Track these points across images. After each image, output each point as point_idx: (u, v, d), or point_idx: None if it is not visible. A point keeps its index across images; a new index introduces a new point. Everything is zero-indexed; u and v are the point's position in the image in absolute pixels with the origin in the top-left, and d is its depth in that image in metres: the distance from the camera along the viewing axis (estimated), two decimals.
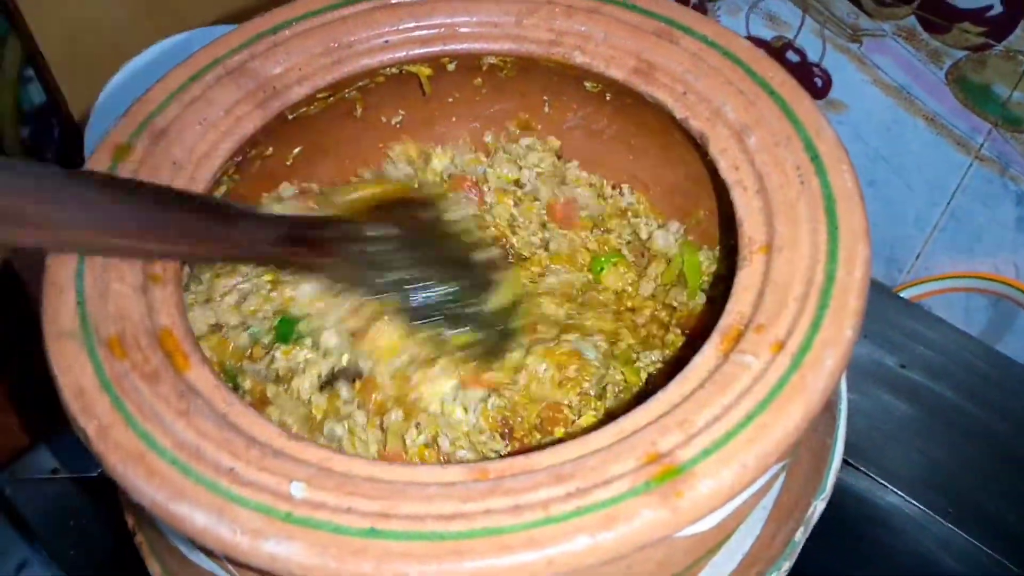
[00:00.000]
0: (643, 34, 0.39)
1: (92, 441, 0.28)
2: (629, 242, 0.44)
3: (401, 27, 0.42)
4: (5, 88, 0.85)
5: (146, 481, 0.27)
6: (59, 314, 0.31)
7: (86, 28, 0.76)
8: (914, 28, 0.65)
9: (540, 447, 0.27)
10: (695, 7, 0.75)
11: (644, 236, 0.44)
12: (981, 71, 0.63)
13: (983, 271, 0.73)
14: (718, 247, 0.42)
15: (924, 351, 0.58)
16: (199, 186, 0.37)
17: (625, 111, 0.42)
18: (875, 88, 0.70)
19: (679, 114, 0.37)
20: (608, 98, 0.42)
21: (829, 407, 0.37)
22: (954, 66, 0.65)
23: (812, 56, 0.72)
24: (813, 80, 0.72)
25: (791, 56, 0.72)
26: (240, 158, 0.39)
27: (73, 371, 0.29)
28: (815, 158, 0.33)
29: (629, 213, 0.45)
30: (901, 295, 0.72)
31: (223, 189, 0.39)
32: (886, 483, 0.52)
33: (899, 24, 0.65)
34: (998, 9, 0.59)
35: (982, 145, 0.66)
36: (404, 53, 0.42)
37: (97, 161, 0.36)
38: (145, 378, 0.29)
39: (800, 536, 0.35)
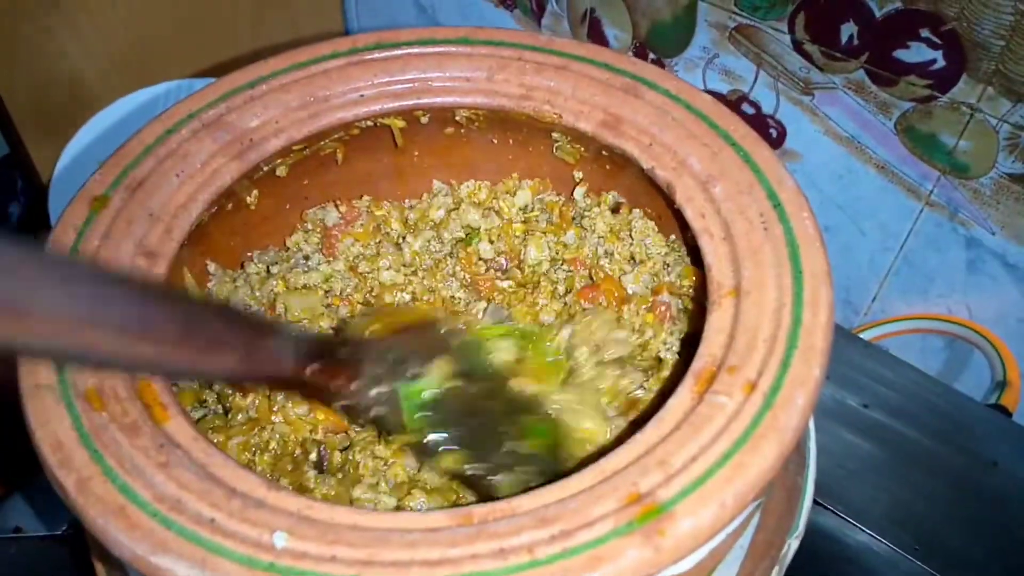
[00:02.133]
0: (610, 89, 0.41)
1: (71, 495, 0.27)
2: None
3: (375, 81, 0.43)
4: None
5: (127, 534, 0.26)
6: (36, 367, 0.31)
7: (52, 81, 0.76)
8: (863, 81, 0.68)
9: (524, 491, 0.28)
10: (652, 63, 0.78)
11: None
12: (928, 121, 0.66)
13: (937, 312, 0.76)
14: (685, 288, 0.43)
15: (885, 391, 0.60)
16: (176, 236, 0.37)
17: (597, 163, 0.44)
18: (827, 138, 0.73)
19: (646, 164, 0.39)
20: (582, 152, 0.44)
21: (799, 446, 0.38)
22: (902, 116, 0.68)
23: (767, 108, 0.75)
24: (768, 131, 0.75)
25: (746, 108, 0.75)
26: (215, 209, 0.40)
27: (51, 424, 0.29)
28: (777, 206, 0.35)
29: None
30: (860, 336, 0.74)
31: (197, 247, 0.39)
32: (854, 521, 0.53)
33: (849, 77, 0.69)
34: (941, 63, 0.63)
35: (931, 191, 0.69)
36: (379, 107, 0.43)
37: (75, 212, 0.36)
38: (124, 430, 0.29)
39: (776, 575, 0.35)
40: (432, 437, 0.31)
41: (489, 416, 0.33)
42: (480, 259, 0.45)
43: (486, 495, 0.32)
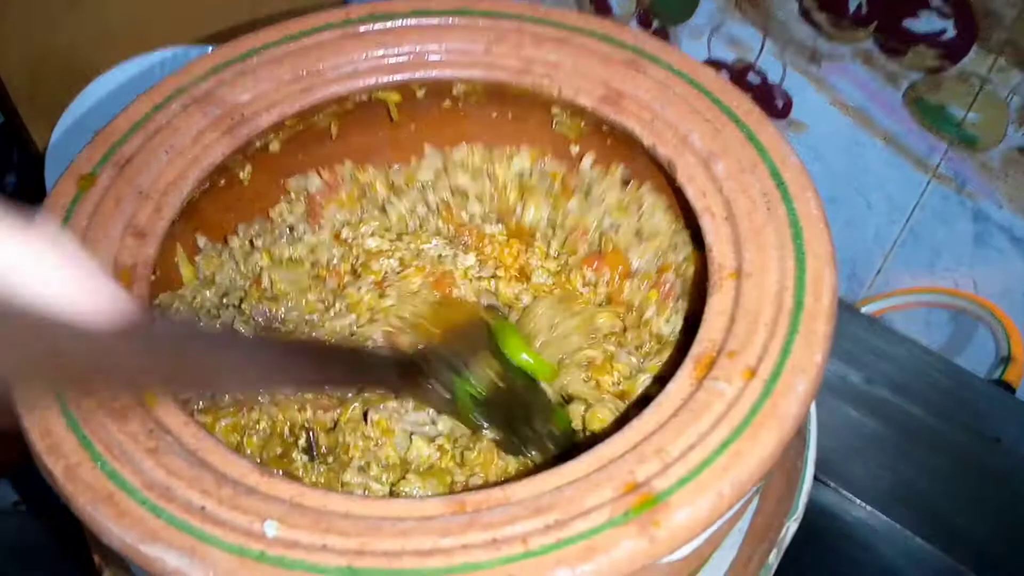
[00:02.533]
0: (611, 63, 0.40)
1: (59, 481, 0.27)
2: None
3: (370, 55, 0.42)
4: None
5: (116, 522, 0.26)
6: None
7: (48, 52, 0.75)
8: (871, 51, 0.66)
9: (516, 477, 0.27)
10: (657, 31, 0.76)
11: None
12: (937, 92, 0.65)
13: (943, 286, 0.75)
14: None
15: (888, 367, 0.59)
16: (166, 215, 0.36)
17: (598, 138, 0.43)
18: (834, 109, 0.71)
19: (647, 141, 0.38)
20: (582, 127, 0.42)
21: (799, 429, 0.38)
22: (911, 87, 0.66)
23: (773, 78, 0.73)
24: (774, 102, 0.74)
25: (752, 78, 0.74)
26: (207, 185, 0.39)
27: (39, 409, 0.28)
28: (781, 185, 0.34)
29: None
30: (863, 310, 0.74)
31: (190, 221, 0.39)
32: (854, 497, 0.53)
33: (857, 47, 0.67)
34: (951, 33, 0.61)
35: (939, 164, 0.68)
36: (373, 80, 0.42)
37: (61, 192, 0.36)
38: (113, 415, 0.29)
39: (774, 558, 0.35)
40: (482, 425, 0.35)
41: (525, 407, 0.36)
42: (466, 213, 0.44)
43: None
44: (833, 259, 0.31)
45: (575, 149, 0.43)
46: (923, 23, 0.62)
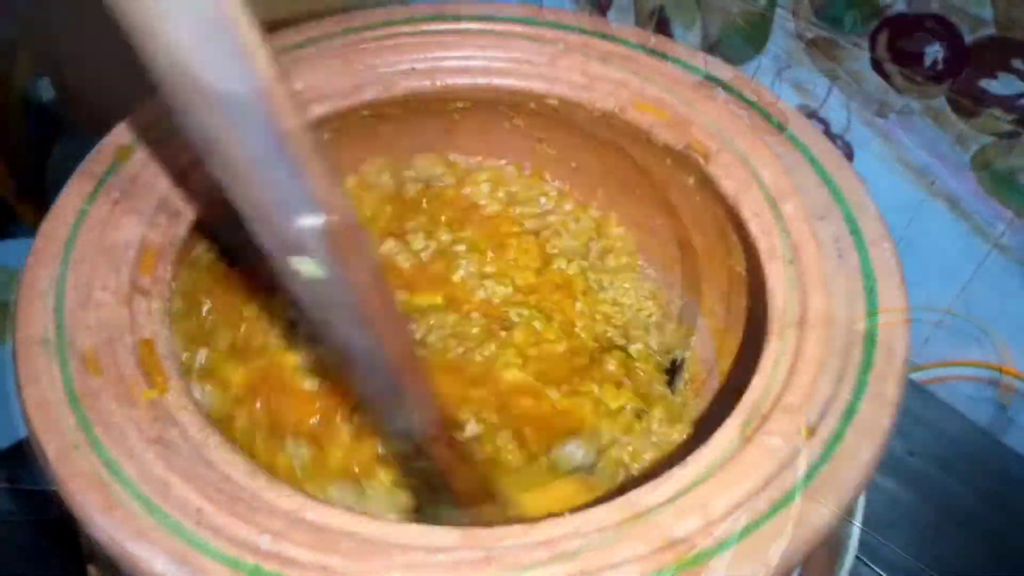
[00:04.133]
0: (680, 87, 0.38)
1: (51, 462, 0.25)
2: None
3: (429, 56, 0.40)
4: (16, 82, 0.83)
5: (106, 514, 0.24)
6: (33, 319, 0.28)
7: (102, 21, 0.75)
8: (943, 109, 0.64)
9: (536, 518, 0.25)
10: None
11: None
12: (1008, 158, 0.62)
13: (992, 361, 0.72)
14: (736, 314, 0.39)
15: (932, 439, 0.56)
16: (203, 196, 0.35)
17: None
18: (897, 166, 0.69)
19: (711, 172, 0.36)
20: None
21: None
22: (980, 151, 0.64)
23: (836, 128, 0.71)
24: None
25: (815, 126, 0.71)
26: None
27: (40, 382, 0.27)
28: (855, 232, 0.31)
29: None
30: (909, 376, 0.70)
31: None
32: (884, 575, 0.50)
33: (928, 104, 0.65)
34: None
35: (1002, 234, 0.65)
36: (428, 82, 0.40)
37: (97, 160, 0.34)
38: (118, 398, 0.27)
39: None
40: None
41: None
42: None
43: None
44: (908, 317, 0.29)
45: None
46: (1001, 85, 0.59)
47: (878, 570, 0.49)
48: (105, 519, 0.24)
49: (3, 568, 0.45)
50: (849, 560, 0.33)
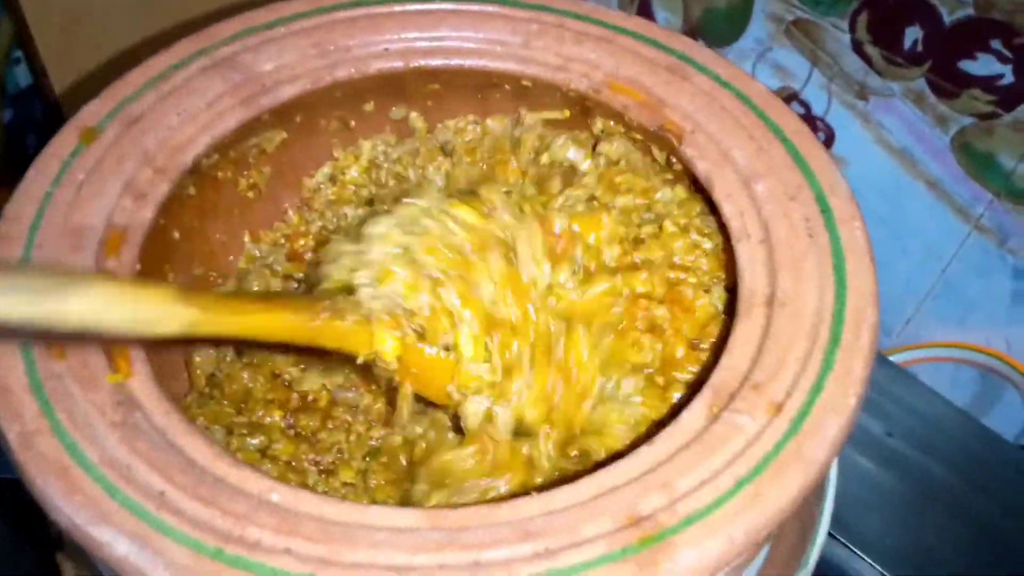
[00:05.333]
0: (656, 68, 0.38)
1: (13, 448, 0.25)
2: None
3: (403, 35, 0.40)
4: None
5: (67, 498, 0.24)
6: None
7: (81, 12, 0.74)
8: (923, 91, 0.64)
9: (504, 498, 0.25)
10: None
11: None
12: (987, 140, 0.62)
13: (973, 342, 0.72)
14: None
15: (912, 420, 0.56)
16: (168, 178, 0.34)
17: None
18: (878, 147, 0.69)
19: (685, 153, 0.36)
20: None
21: None
22: (960, 132, 0.64)
23: (817, 110, 0.71)
24: (816, 134, 0.71)
25: (796, 108, 0.71)
26: (218, 155, 0.37)
27: (2, 368, 0.26)
28: (826, 211, 0.31)
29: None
30: (889, 359, 0.71)
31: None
32: (863, 555, 0.50)
33: (908, 85, 0.64)
34: (1009, 79, 0.58)
35: (982, 215, 0.65)
36: (401, 63, 0.40)
37: (62, 142, 0.34)
38: (81, 382, 0.26)
39: None
40: None
41: None
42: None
43: None
44: (876, 296, 0.29)
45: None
46: (980, 66, 0.59)
47: (853, 548, 0.49)
48: (67, 504, 0.24)
49: None
50: (821, 537, 0.33)
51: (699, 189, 0.36)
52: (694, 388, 0.29)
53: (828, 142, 0.71)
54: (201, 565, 0.22)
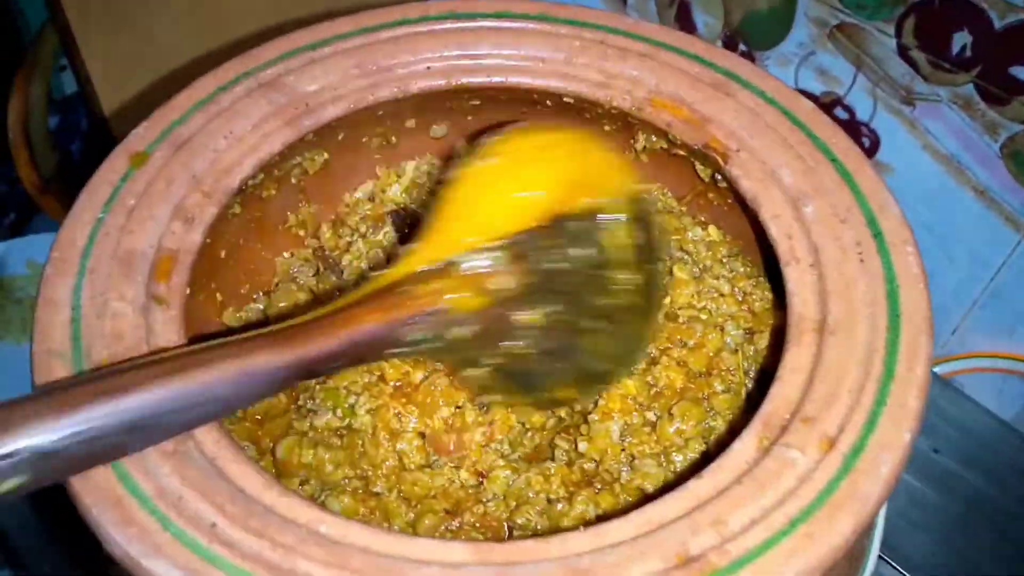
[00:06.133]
0: (699, 84, 0.37)
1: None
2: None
3: (445, 54, 0.40)
4: (38, 77, 0.84)
5: (121, 530, 0.24)
6: (50, 331, 0.29)
7: (124, 21, 0.75)
8: (971, 97, 0.62)
9: (554, 532, 0.25)
10: (743, 56, 0.73)
11: None
12: None
13: (1021, 353, 0.70)
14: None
15: (958, 436, 0.55)
16: (216, 202, 0.34)
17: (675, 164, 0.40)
18: (925, 154, 0.67)
19: (731, 172, 0.35)
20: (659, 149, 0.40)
21: None
22: (1010, 139, 0.62)
23: (862, 115, 0.69)
24: (861, 140, 0.70)
25: (840, 113, 0.70)
26: (263, 175, 0.37)
27: None
28: (877, 235, 0.31)
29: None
30: (934, 370, 0.69)
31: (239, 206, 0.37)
32: (909, 575, 0.49)
33: (956, 91, 0.63)
34: None
35: None
36: (444, 81, 0.40)
37: (112, 167, 0.34)
38: None
39: None
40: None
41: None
42: None
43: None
44: (931, 325, 0.28)
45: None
46: None
47: (901, 570, 0.48)
48: (121, 535, 0.24)
49: (35, 569, 0.46)
50: (870, 567, 0.33)
51: (745, 210, 0.35)
52: (743, 419, 0.28)
53: (873, 148, 0.70)
54: None
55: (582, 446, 0.32)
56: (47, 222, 0.86)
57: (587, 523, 0.25)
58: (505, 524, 0.31)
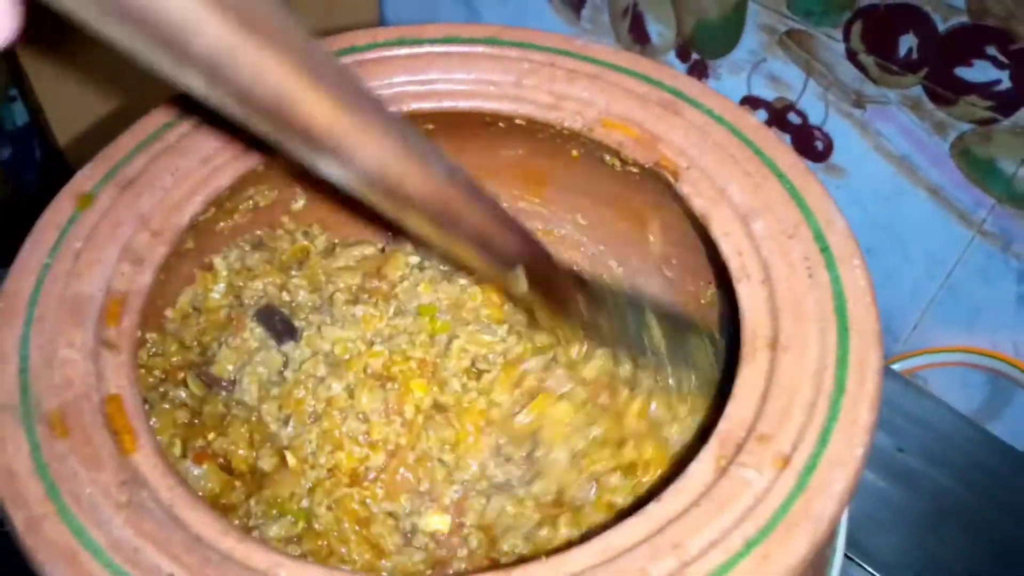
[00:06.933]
0: (648, 104, 0.37)
1: (20, 534, 0.25)
2: None
3: (394, 80, 0.40)
4: None
5: None
6: None
7: (75, 50, 0.74)
8: (920, 98, 0.64)
9: (515, 563, 0.25)
10: (696, 64, 0.74)
11: None
12: (987, 145, 0.62)
13: (981, 347, 0.72)
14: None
15: (922, 433, 0.56)
16: (165, 240, 0.34)
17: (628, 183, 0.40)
18: (877, 155, 0.68)
19: (681, 190, 0.35)
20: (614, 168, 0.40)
21: None
22: (959, 138, 0.63)
23: (814, 119, 0.70)
24: (814, 144, 0.71)
25: (792, 118, 0.71)
26: (214, 210, 0.37)
27: (7, 451, 0.26)
28: (825, 250, 0.31)
29: None
30: (895, 367, 0.70)
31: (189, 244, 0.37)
32: (877, 575, 0.50)
33: (905, 93, 0.64)
34: (1006, 84, 0.58)
35: (984, 220, 0.65)
36: (394, 109, 0.39)
37: (58, 210, 0.34)
38: (85, 462, 0.26)
39: None
40: None
41: None
42: None
43: None
44: (880, 338, 0.28)
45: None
46: (977, 72, 0.59)
47: (869, 570, 0.49)
48: None
49: None
50: (836, 568, 0.33)
51: (696, 227, 0.35)
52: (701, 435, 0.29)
53: (827, 151, 0.71)
54: None
55: (537, 486, 0.32)
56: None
57: (548, 554, 0.25)
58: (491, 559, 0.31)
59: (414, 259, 0.41)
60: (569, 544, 0.25)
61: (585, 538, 0.25)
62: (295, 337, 0.37)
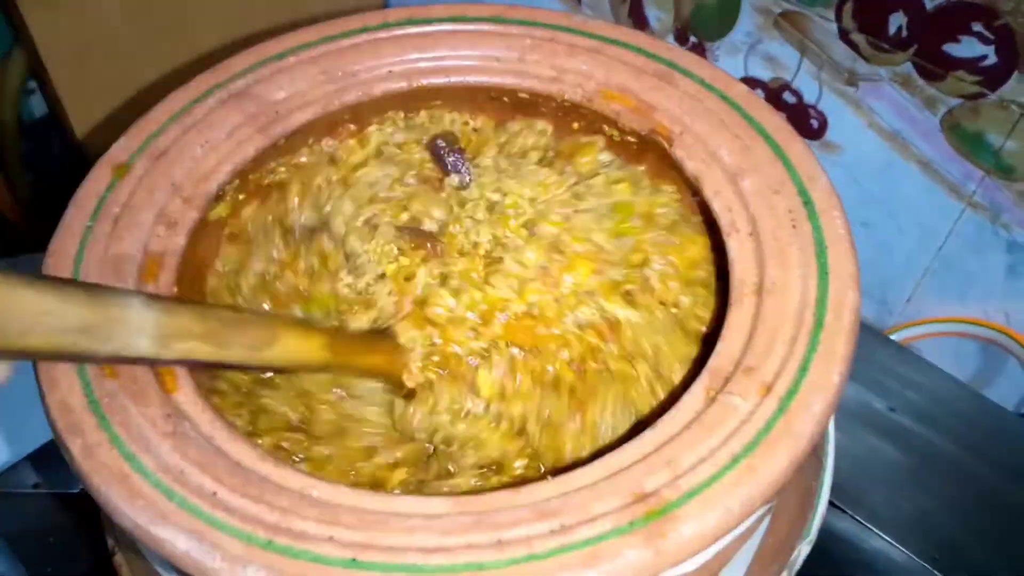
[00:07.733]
0: (644, 75, 0.40)
1: (77, 460, 0.28)
2: None
3: (405, 58, 0.42)
4: (7, 100, 0.85)
5: (129, 503, 0.26)
6: None
7: (92, 43, 0.77)
8: (910, 75, 0.66)
9: (525, 481, 0.27)
10: (693, 47, 0.76)
11: None
12: (975, 119, 0.64)
13: (973, 316, 0.74)
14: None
15: (914, 395, 0.58)
16: (195, 206, 0.37)
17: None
18: (870, 131, 0.71)
19: (676, 154, 0.38)
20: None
21: (816, 450, 0.38)
22: (948, 113, 0.65)
23: (809, 98, 0.73)
24: (809, 121, 0.73)
25: (788, 97, 0.73)
26: (239, 180, 0.40)
27: (61, 388, 0.29)
28: (808, 203, 0.34)
29: None
30: (891, 337, 0.73)
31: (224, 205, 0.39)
32: (872, 527, 0.52)
33: (895, 70, 0.66)
34: (993, 59, 0.60)
35: (974, 192, 0.67)
36: (405, 84, 0.42)
37: (97, 178, 0.36)
38: (133, 398, 0.29)
39: None
40: None
41: None
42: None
43: None
44: (857, 280, 0.31)
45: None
46: (964, 48, 0.61)
47: (861, 520, 0.51)
48: (130, 507, 0.26)
49: (37, 569, 0.48)
50: (821, 507, 0.36)
51: (690, 188, 0.38)
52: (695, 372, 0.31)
53: (822, 129, 0.73)
54: (254, 555, 0.25)
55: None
56: (26, 246, 0.87)
57: (553, 473, 0.27)
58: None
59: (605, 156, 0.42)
60: (575, 464, 0.28)
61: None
62: (460, 171, 0.41)
